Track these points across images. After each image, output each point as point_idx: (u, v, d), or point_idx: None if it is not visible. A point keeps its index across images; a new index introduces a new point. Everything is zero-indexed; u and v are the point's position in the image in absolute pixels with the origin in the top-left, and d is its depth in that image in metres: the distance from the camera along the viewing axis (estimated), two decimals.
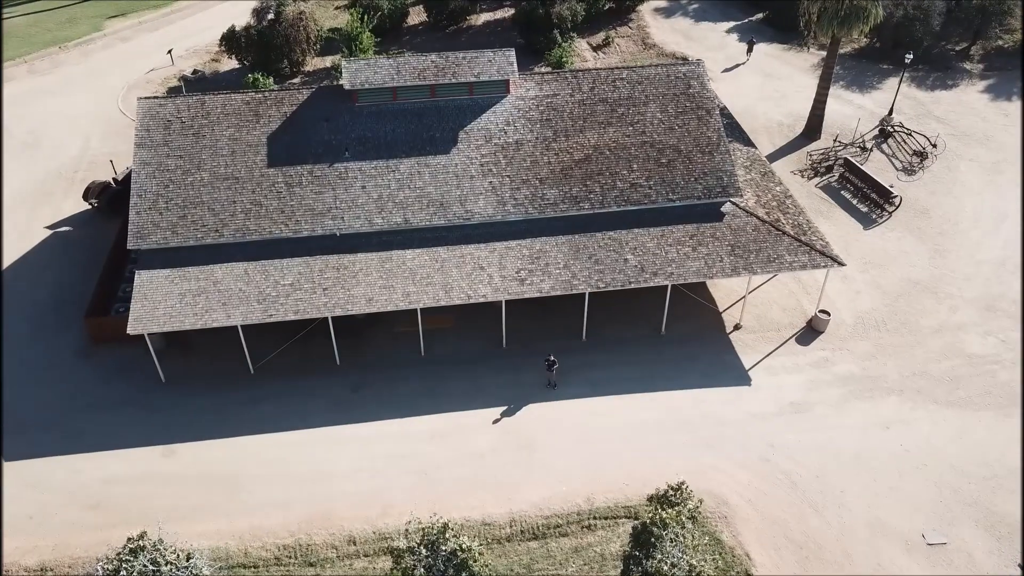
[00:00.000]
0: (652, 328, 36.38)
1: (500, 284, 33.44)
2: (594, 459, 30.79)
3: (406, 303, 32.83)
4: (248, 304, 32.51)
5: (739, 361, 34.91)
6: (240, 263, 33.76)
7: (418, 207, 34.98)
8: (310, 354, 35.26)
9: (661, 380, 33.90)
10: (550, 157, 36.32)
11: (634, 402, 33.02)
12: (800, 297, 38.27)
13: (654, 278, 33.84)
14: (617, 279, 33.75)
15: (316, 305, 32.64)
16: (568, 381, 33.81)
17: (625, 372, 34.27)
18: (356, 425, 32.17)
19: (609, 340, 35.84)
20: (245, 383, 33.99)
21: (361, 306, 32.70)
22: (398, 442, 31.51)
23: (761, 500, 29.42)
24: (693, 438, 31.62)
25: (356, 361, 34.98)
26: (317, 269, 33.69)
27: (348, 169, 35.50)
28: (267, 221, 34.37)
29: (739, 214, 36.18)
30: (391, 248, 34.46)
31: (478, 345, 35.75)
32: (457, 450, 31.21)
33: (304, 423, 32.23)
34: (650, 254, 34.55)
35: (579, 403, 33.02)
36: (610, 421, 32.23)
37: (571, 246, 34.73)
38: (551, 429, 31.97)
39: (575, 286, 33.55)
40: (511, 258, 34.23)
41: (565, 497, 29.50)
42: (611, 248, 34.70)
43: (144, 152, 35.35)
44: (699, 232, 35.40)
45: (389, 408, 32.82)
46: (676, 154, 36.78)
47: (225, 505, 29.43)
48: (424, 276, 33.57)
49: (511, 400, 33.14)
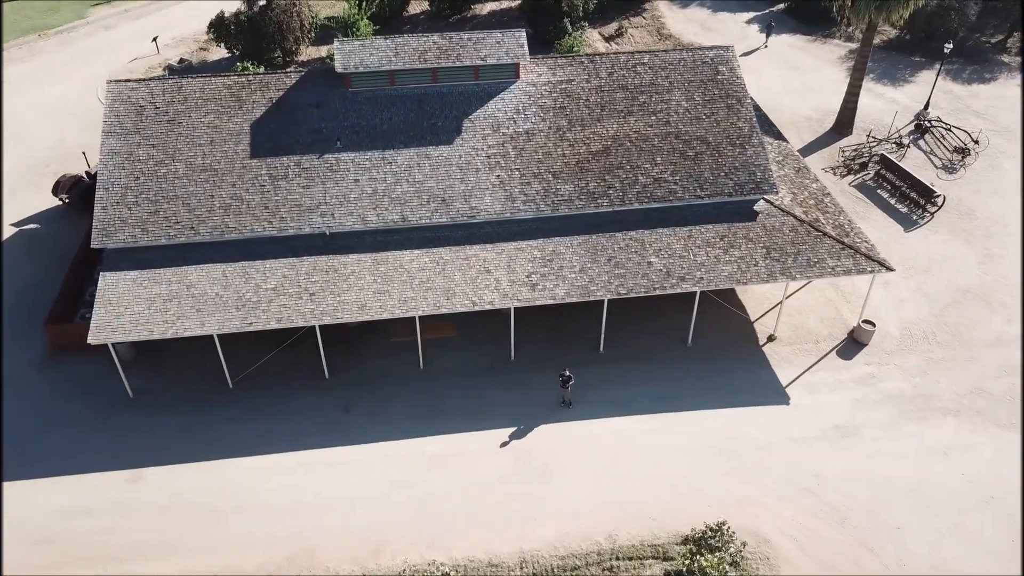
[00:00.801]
0: (677, 339, 32.73)
1: (508, 289, 29.81)
2: (616, 489, 27.12)
3: (403, 310, 29.20)
4: (226, 311, 28.87)
5: (775, 377, 31.24)
6: (218, 265, 30.12)
7: (417, 203, 31.35)
8: (296, 367, 31.61)
9: (689, 398, 30.27)
10: (564, 149, 32.71)
11: (660, 423, 29.37)
12: (839, 305, 34.64)
13: (681, 284, 30.22)
14: (640, 284, 30.11)
15: (302, 312, 29.01)
16: (585, 399, 30.15)
17: (648, 389, 30.63)
18: (346, 448, 28.50)
19: (630, 353, 32.18)
20: (222, 400, 30.33)
21: (353, 313, 29.06)
22: (393, 469, 27.84)
23: (808, 539, 25.72)
24: (727, 466, 27.95)
25: (347, 375, 31.32)
26: (304, 272, 30.06)
27: (340, 161, 31.88)
28: (248, 218, 30.75)
29: (774, 213, 32.55)
30: (387, 249, 30.83)
31: (484, 358, 32.09)
32: (460, 478, 27.54)
33: (288, 445, 28.57)
34: (676, 257, 30.92)
35: (598, 424, 29.35)
36: (633, 445, 28.57)
37: (588, 247, 31.09)
38: (567, 454, 28.30)
39: (592, 292, 29.91)
40: (521, 260, 30.61)
41: (584, 534, 25.82)
42: (633, 250, 31.06)
43: (112, 140, 31.74)
44: (731, 233, 31.77)
45: (383, 429, 29.16)
46: (704, 146, 33.16)
47: (196, 541, 25.75)
48: (424, 280, 29.95)
49: (521, 420, 29.47)
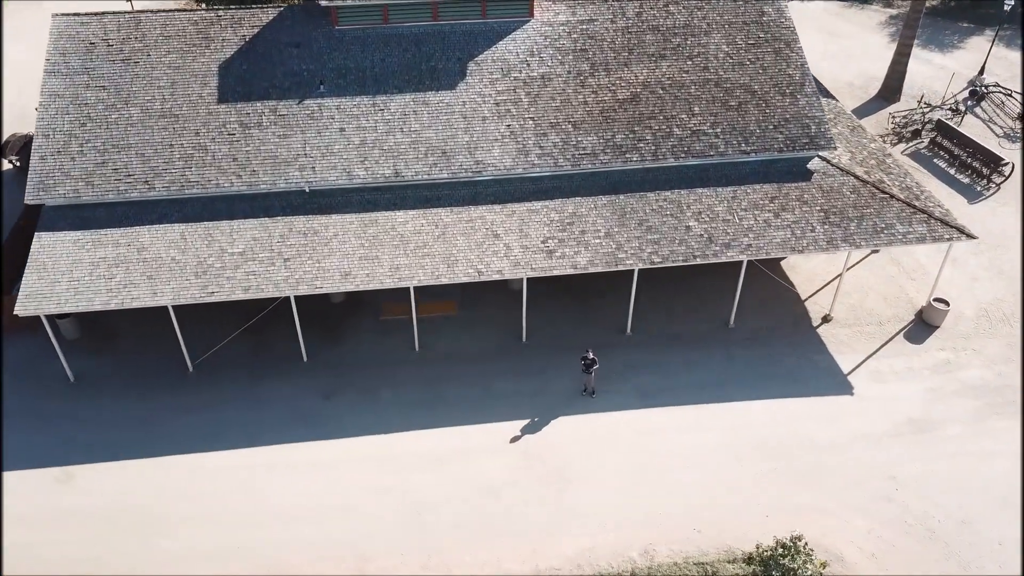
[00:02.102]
0: (718, 320, 27.95)
1: (521, 257, 25.06)
2: (651, 496, 22.33)
3: (394, 279, 24.44)
4: (182, 278, 24.11)
5: (834, 363, 26.44)
6: (175, 225, 25.38)
7: (413, 156, 26.61)
8: (268, 349, 26.85)
9: (733, 388, 25.47)
10: (586, 96, 27.96)
11: (699, 417, 24.57)
12: (902, 282, 29.84)
13: (726, 251, 25.44)
14: (677, 252, 25.34)
15: (274, 281, 24.25)
16: (610, 388, 25.37)
17: (685, 377, 25.84)
18: (325, 444, 23.72)
19: (662, 335, 27.40)
20: (180, 386, 25.56)
21: (335, 282, 24.31)
22: (381, 469, 23.05)
23: (891, 556, 20.92)
24: (783, 467, 23.15)
25: (328, 359, 26.55)
26: (278, 234, 25.30)
27: (323, 107, 27.14)
28: (214, 171, 26.00)
29: (832, 172, 27.78)
30: (376, 209, 26.08)
31: (491, 340, 27.33)
32: (461, 481, 22.76)
33: (255, 440, 23.80)
34: (719, 221, 26.15)
35: (626, 417, 24.56)
36: (669, 443, 23.78)
37: (615, 209, 26.33)
38: (589, 453, 23.51)
39: (621, 261, 25.14)
40: (535, 224, 25.85)
41: (613, 549, 21.04)
42: (668, 212, 26.30)
43: (56, 81, 27.00)
44: (781, 194, 27.01)
45: (370, 422, 24.38)
46: (749, 95, 28.41)
47: (136, 555, 20.97)
48: (420, 245, 25.20)
49: (534, 412, 24.69)
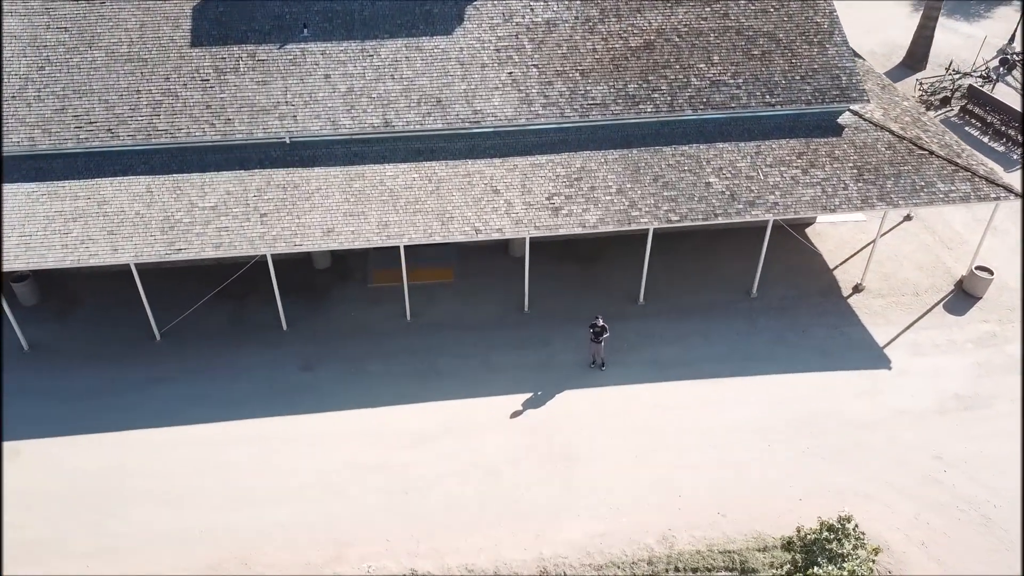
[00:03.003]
0: (739, 289, 25.52)
1: (523, 214, 22.63)
2: (669, 476, 19.87)
3: (382, 237, 22.01)
4: (146, 234, 21.68)
5: (868, 335, 24.00)
6: (140, 177, 22.94)
7: (405, 105, 24.17)
8: (245, 315, 24.42)
9: (757, 361, 23.03)
10: (596, 43, 25.53)
11: (722, 391, 22.13)
12: (938, 251, 27.38)
13: (750, 210, 23.01)
14: (696, 210, 22.91)
15: (249, 237, 21.82)
16: (622, 360, 22.94)
17: (704, 349, 23.40)
18: (303, 419, 21.27)
19: (678, 304, 24.96)
20: (146, 355, 23.12)
21: (316, 240, 21.88)
22: (366, 445, 20.61)
23: (942, 545, 18.46)
24: (815, 446, 20.69)
25: (311, 327, 24.13)
26: (254, 187, 22.87)
27: (306, 52, 24.70)
28: (185, 120, 23.56)
29: (864, 127, 25.35)
30: (364, 162, 23.64)
31: (490, 308, 24.90)
32: (456, 460, 20.30)
33: (227, 414, 21.35)
34: (742, 177, 23.72)
35: (639, 391, 22.12)
36: (689, 419, 21.33)
37: (627, 164, 23.90)
38: (599, 429, 21.06)
39: (635, 219, 22.71)
40: (540, 179, 23.42)
41: (627, 535, 18.57)
42: (686, 168, 23.86)
43: (12, 22, 24.55)
44: (809, 149, 24.57)
45: (355, 395, 21.94)
46: (773, 44, 25.97)
47: (88, 539, 18.53)
48: (411, 200, 22.76)
49: (538, 386, 22.26)
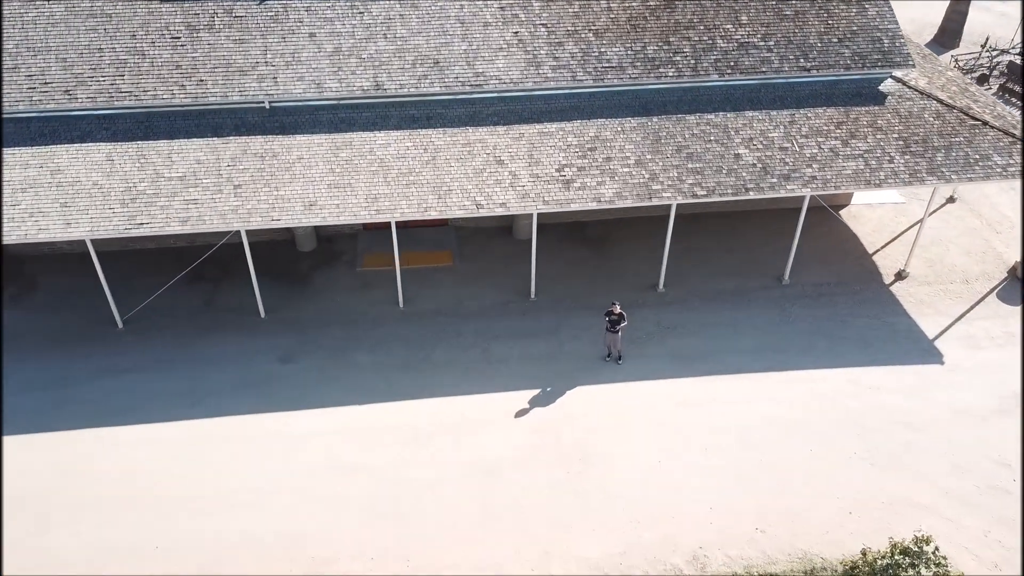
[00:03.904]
0: (769, 274, 23.00)
1: (531, 187, 20.12)
2: (697, 484, 17.33)
3: (371, 212, 19.50)
4: (104, 206, 19.19)
5: (915, 326, 21.46)
6: (101, 144, 20.44)
7: (399, 66, 21.66)
8: (218, 301, 21.93)
9: (792, 354, 20.49)
10: (610, 1, 23.01)
11: (754, 388, 19.59)
12: (987, 235, 24.84)
13: (786, 184, 20.49)
14: (725, 184, 20.39)
15: (220, 211, 19.32)
16: (641, 352, 20.42)
17: (733, 340, 20.87)
18: (282, 415, 18.75)
19: (702, 290, 22.45)
20: (106, 344, 20.62)
21: (296, 214, 19.37)
22: (351, 446, 18.07)
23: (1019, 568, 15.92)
24: (863, 450, 18.14)
25: (292, 314, 21.62)
26: (228, 156, 20.36)
27: (289, 9, 22.17)
28: (152, 81, 21.06)
29: (910, 95, 22.81)
30: (352, 129, 21.14)
31: (492, 294, 22.39)
32: (452, 462, 17.78)
33: (194, 409, 18.83)
34: (775, 149, 21.20)
35: (661, 387, 19.58)
36: (718, 418, 18.78)
37: (647, 133, 21.38)
38: (616, 429, 18.52)
39: (656, 193, 20.20)
40: (549, 148, 20.90)
41: (649, 552, 16.03)
42: (712, 138, 21.34)
43: None
44: (850, 119, 22.05)
45: (340, 389, 19.42)
46: (807, 3, 23.43)
47: (22, 556, 16.00)
48: (404, 172, 20.26)
49: (546, 381, 19.73)
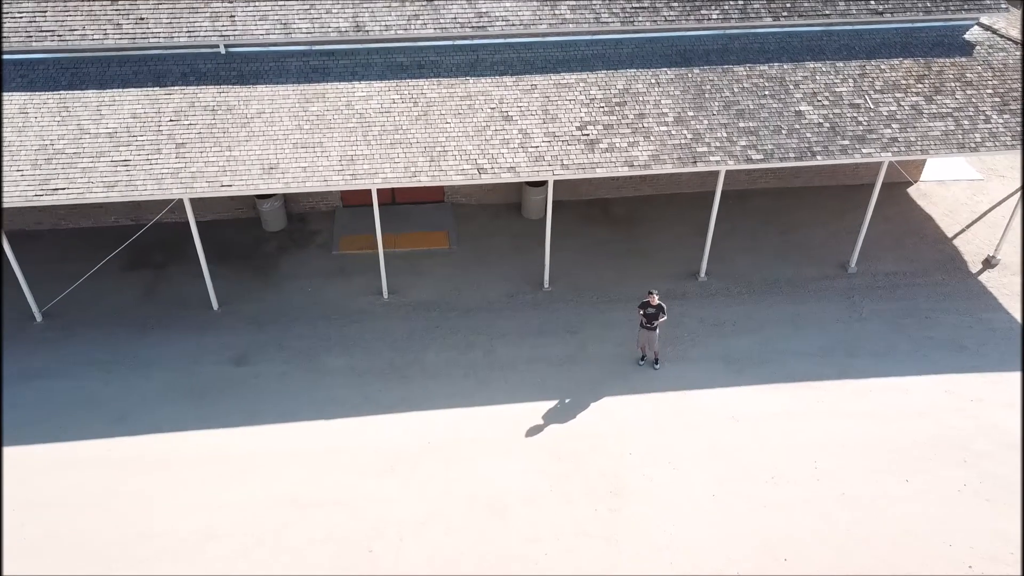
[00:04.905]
0: (831, 262, 19.10)
1: (546, 149, 16.22)
2: (761, 523, 13.37)
3: (345, 177, 15.60)
4: (12, 168, 15.29)
5: (1016, 324, 17.53)
6: (16, 94, 16.54)
7: (383, 5, 17.74)
8: (161, 290, 18.02)
9: (869, 357, 16.57)
10: None
11: (824, 399, 15.66)
12: None
13: (861, 147, 16.61)
14: (787, 147, 16.51)
15: (157, 176, 15.42)
16: (682, 355, 16.49)
17: (793, 340, 16.94)
18: (232, 432, 14.80)
19: (753, 280, 18.54)
20: (18, 341, 16.70)
21: (251, 180, 15.48)
22: (318, 473, 14.11)
23: None
24: (971, 479, 14.18)
25: (251, 307, 17.69)
26: (171, 110, 16.47)
27: None
28: (80, 19, 17.16)
29: (1001, 45, 18.91)
30: (327, 79, 17.25)
31: (497, 284, 18.47)
32: (447, 494, 13.80)
33: (120, 426, 14.89)
34: (844, 106, 17.31)
35: (708, 398, 15.64)
36: (780, 438, 14.84)
37: (687, 85, 17.50)
38: (655, 453, 14.57)
39: (702, 157, 16.31)
40: (568, 103, 17.01)
41: None
42: (767, 92, 17.45)
43: None
44: (932, 72, 18.17)
45: (306, 399, 15.48)
46: None
47: None
48: (389, 129, 16.36)
49: (563, 390, 15.78)
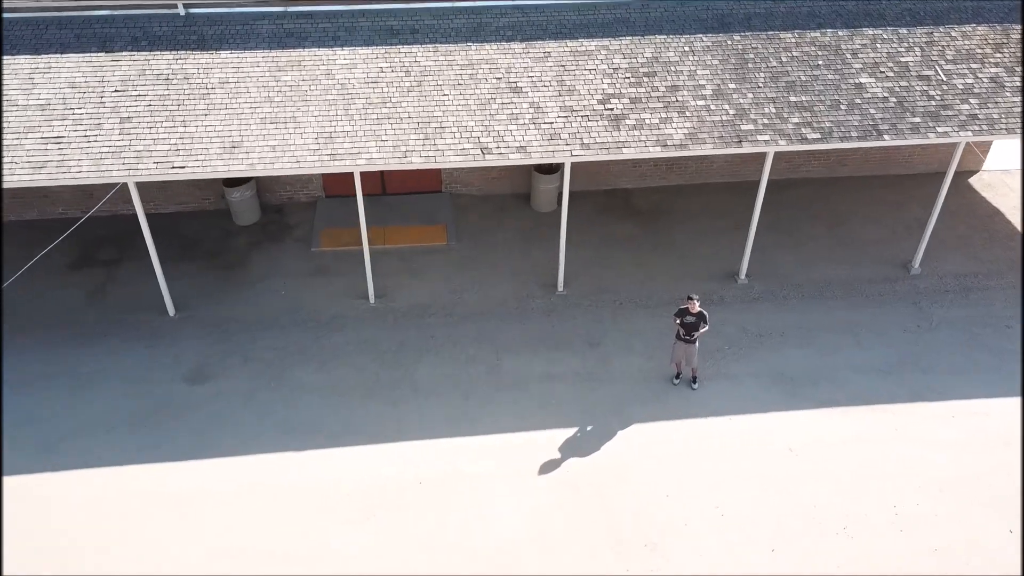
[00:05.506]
0: (892, 261, 16.51)
1: (562, 125, 13.63)
2: None
3: (321, 158, 12.99)
4: None
5: None
6: None
7: None
8: (110, 293, 15.39)
9: (944, 374, 13.94)
10: None
11: (894, 425, 13.03)
12: None
13: (934, 126, 14.04)
14: (848, 125, 13.93)
15: (95, 155, 12.83)
16: (722, 371, 13.86)
17: (852, 353, 14.32)
18: (180, 467, 12.16)
19: (801, 282, 15.94)
20: None
21: (209, 161, 12.86)
22: (282, 514, 11.45)
23: None
24: None
25: (213, 312, 15.04)
26: (117, 78, 13.87)
27: None
28: None
29: None
30: (303, 44, 14.66)
31: (502, 286, 15.84)
32: (440, 546, 11.14)
33: (48, 458, 12.23)
34: (912, 78, 14.75)
35: (759, 425, 12.99)
36: (848, 475, 12.21)
37: (725, 54, 14.93)
38: (699, 496, 11.92)
39: (747, 137, 13.71)
40: (587, 73, 14.43)
41: None
42: (821, 62, 14.89)
43: None
44: (1011, 39, 15.62)
45: (272, 423, 12.82)
46: None
47: None
48: (375, 102, 13.77)
49: (584, 413, 13.12)
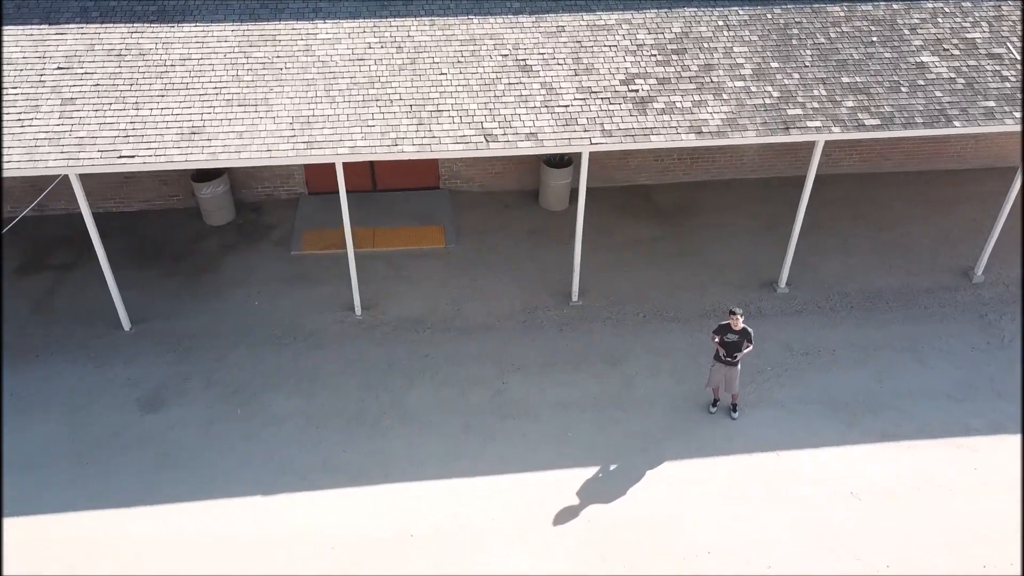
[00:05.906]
0: (951, 268, 14.58)
1: (578, 110, 11.71)
2: None
3: (295, 148, 11.08)
4: None
5: None
6: None
7: None
8: (57, 303, 13.47)
9: (1014, 398, 12.04)
10: None
11: (972, 461, 11.10)
12: None
13: (1009, 111, 12.12)
14: (911, 110, 12.01)
15: (29, 142, 10.91)
16: (765, 396, 11.92)
17: (914, 374, 12.38)
18: (119, 514, 10.22)
19: (848, 291, 13.99)
20: None
21: (164, 150, 10.94)
22: (252, 573, 9.59)
23: None
24: None
25: (173, 326, 13.09)
26: (61, 54, 11.96)
27: None
28: None
29: None
30: (279, 17, 12.75)
31: (508, 294, 13.88)
32: None
33: None
34: (981, 56, 12.84)
35: (809, 461, 11.06)
36: (920, 520, 10.29)
37: (766, 29, 13.02)
38: (743, 549, 9.99)
39: (795, 123, 11.79)
40: (607, 50, 12.52)
41: None
42: (875, 39, 12.97)
43: None
44: None
45: (235, 463, 10.86)
46: None
47: None
48: (361, 82, 11.86)
49: (606, 449, 11.16)
